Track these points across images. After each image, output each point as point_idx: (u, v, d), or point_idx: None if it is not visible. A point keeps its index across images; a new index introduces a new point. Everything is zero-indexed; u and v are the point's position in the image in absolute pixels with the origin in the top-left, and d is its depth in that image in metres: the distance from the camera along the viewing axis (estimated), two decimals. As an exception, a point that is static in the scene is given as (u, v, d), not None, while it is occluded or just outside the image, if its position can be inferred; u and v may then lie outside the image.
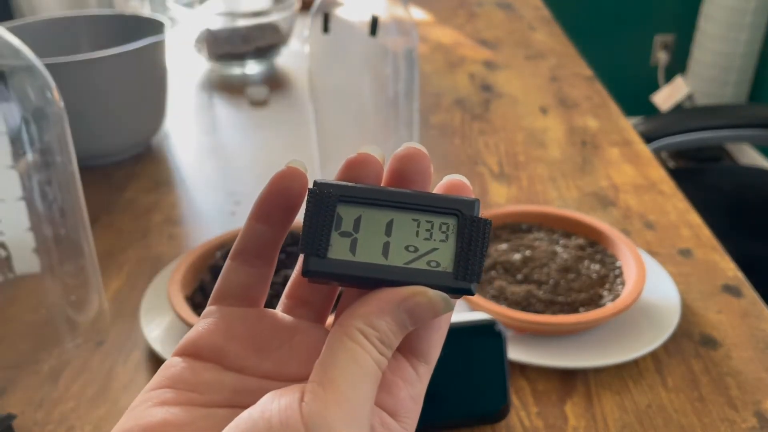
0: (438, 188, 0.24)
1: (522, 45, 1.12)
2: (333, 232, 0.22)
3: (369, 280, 0.22)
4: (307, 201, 0.23)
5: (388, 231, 0.22)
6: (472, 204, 0.23)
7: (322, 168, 0.71)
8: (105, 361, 0.52)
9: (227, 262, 0.25)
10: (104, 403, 0.48)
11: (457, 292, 0.22)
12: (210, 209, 0.73)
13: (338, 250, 0.22)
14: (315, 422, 0.19)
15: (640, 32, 2.36)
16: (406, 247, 0.22)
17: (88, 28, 0.87)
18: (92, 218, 0.58)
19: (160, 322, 0.53)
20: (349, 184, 0.23)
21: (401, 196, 0.23)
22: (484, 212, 0.61)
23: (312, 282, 0.23)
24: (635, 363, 0.50)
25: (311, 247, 0.22)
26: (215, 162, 0.82)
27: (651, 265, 0.58)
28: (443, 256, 0.22)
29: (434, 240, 0.22)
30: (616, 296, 0.53)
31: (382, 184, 0.24)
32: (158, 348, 0.51)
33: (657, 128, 1.24)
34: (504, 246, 0.58)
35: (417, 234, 0.23)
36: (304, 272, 0.22)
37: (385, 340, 0.21)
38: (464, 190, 0.24)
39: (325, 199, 0.23)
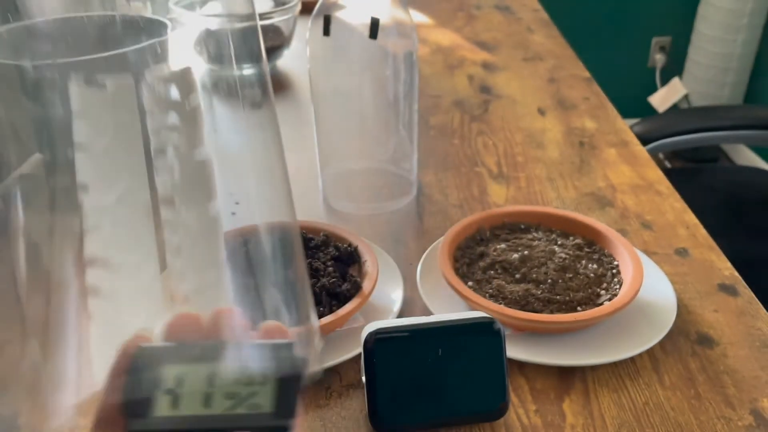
0: (259, 334, 0.26)
1: (520, 47, 1.12)
2: (157, 391, 0.24)
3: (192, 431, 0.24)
4: (132, 362, 0.24)
5: (210, 383, 0.24)
6: (289, 346, 0.25)
7: (322, 169, 0.71)
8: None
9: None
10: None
11: (277, 430, 0.24)
12: (211, 210, 0.73)
13: (162, 407, 0.23)
14: None
15: (637, 34, 2.37)
16: (227, 395, 0.24)
17: (91, 29, 0.87)
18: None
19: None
20: (172, 344, 0.25)
21: (222, 348, 0.25)
22: (483, 213, 0.62)
23: None
24: (632, 361, 0.51)
25: (134, 409, 0.23)
26: (215, 162, 0.83)
27: (648, 264, 0.59)
28: (263, 398, 0.24)
29: (255, 385, 0.24)
30: (614, 295, 0.53)
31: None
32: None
33: (654, 129, 1.24)
34: (502, 246, 0.59)
35: (237, 381, 0.24)
36: (128, 427, 0.23)
37: None
38: (282, 333, 0.25)
39: (148, 362, 0.24)
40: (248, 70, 0.33)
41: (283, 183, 0.29)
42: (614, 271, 0.56)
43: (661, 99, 2.35)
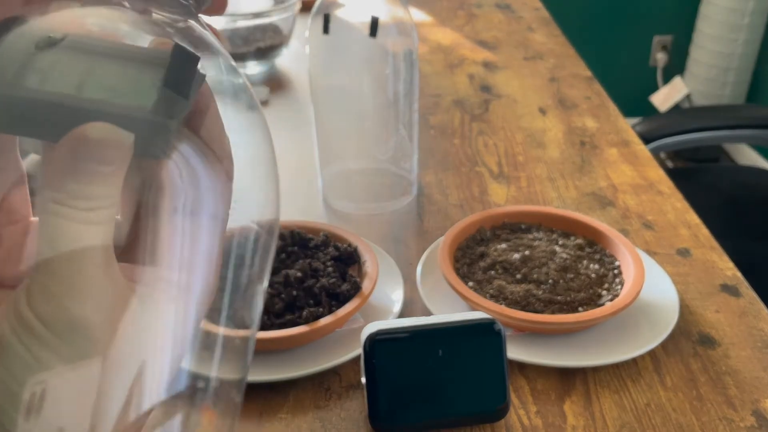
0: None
1: (521, 46, 1.12)
2: (26, 69, 0.20)
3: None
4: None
5: (87, 72, 0.20)
6: (184, 58, 0.21)
7: (322, 169, 0.71)
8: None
9: None
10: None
11: (156, 127, 0.20)
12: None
13: (29, 82, 0.19)
14: (48, 322, 0.18)
15: (638, 33, 2.37)
16: (103, 87, 0.20)
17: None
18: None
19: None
20: (57, 31, 0.21)
21: (106, 43, 0.21)
22: (483, 212, 0.62)
23: None
24: (634, 362, 0.50)
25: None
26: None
27: (649, 264, 0.58)
28: (145, 94, 0.20)
29: (139, 84, 0.20)
30: (615, 296, 0.53)
31: None
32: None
33: (655, 128, 1.24)
34: (503, 246, 0.58)
35: (120, 76, 0.20)
36: None
37: (84, 195, 0.19)
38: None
39: (20, 40, 0.20)
40: (250, 69, 0.33)
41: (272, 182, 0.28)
42: (615, 271, 0.56)
43: (663, 98, 2.34)
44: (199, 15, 0.26)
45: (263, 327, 0.50)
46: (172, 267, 0.21)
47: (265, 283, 0.25)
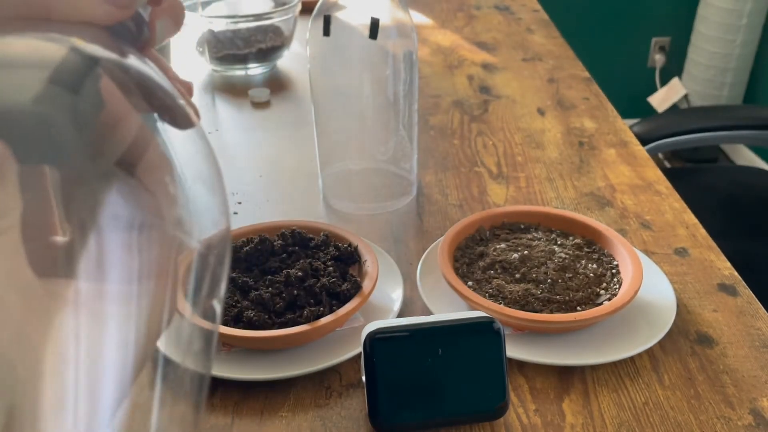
0: None
1: (520, 47, 1.12)
2: None
3: None
4: None
5: None
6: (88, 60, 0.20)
7: (322, 169, 0.71)
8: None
9: None
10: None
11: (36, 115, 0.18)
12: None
13: None
14: None
15: (636, 34, 2.37)
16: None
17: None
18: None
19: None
20: None
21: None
22: (483, 212, 0.62)
23: None
24: (632, 361, 0.51)
25: None
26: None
27: (647, 264, 0.59)
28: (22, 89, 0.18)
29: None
30: (613, 295, 0.53)
31: None
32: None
33: (653, 129, 1.24)
34: (502, 245, 0.59)
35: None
36: None
37: None
38: None
39: None
40: (251, 71, 0.33)
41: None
42: (614, 270, 0.56)
43: (661, 99, 2.35)
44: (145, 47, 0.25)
45: (264, 326, 0.50)
46: (109, 281, 0.20)
47: (221, 297, 0.24)
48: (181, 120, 0.23)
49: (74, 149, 0.18)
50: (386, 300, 0.55)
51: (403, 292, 0.56)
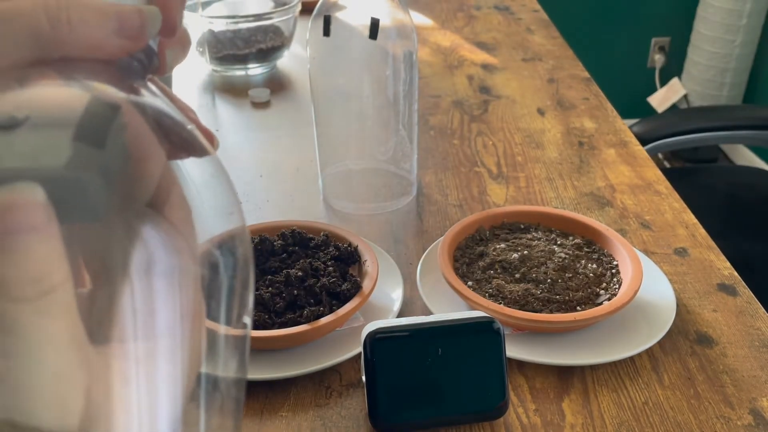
0: None
1: (520, 47, 1.12)
2: None
3: None
4: None
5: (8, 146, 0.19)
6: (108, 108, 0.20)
7: (322, 169, 0.72)
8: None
9: None
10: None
11: (69, 181, 0.18)
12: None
13: None
14: None
15: (636, 35, 2.37)
16: (17, 155, 0.18)
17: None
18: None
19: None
20: None
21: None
22: (482, 212, 0.62)
23: None
24: (632, 361, 0.51)
25: None
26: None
27: (647, 264, 0.59)
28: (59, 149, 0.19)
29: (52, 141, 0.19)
30: (613, 295, 0.53)
31: None
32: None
33: (653, 129, 1.24)
34: (502, 245, 0.59)
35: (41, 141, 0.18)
36: None
37: (26, 279, 0.16)
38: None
39: None
40: (251, 71, 0.33)
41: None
42: (613, 270, 0.56)
43: (661, 99, 2.35)
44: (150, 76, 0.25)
45: (265, 326, 0.50)
46: (149, 337, 0.20)
47: (250, 311, 0.24)
48: (198, 150, 0.24)
49: (105, 205, 0.19)
50: (386, 300, 0.55)
51: (403, 292, 0.56)
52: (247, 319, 0.24)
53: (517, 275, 0.55)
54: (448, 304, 0.55)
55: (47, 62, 0.21)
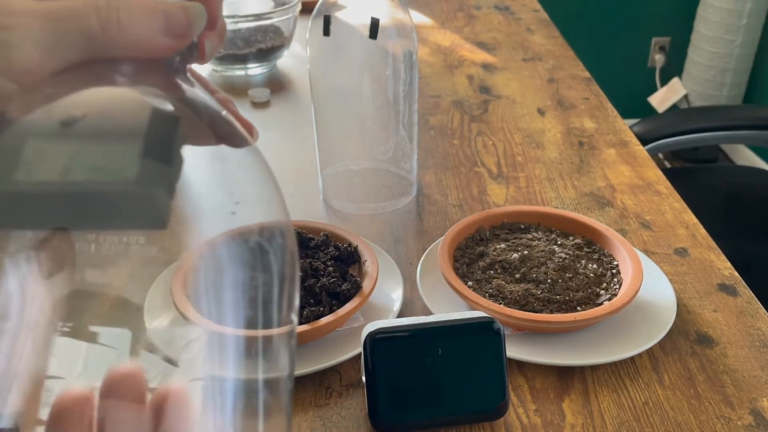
0: None
1: (520, 47, 1.12)
2: (9, 163, 0.20)
3: None
4: None
5: (72, 156, 0.20)
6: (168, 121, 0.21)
7: (322, 169, 0.71)
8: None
9: None
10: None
11: (141, 198, 0.20)
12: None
13: (13, 172, 0.20)
14: None
15: (636, 34, 2.37)
16: (89, 167, 0.20)
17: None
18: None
19: (165, 318, 0.54)
20: (34, 118, 0.21)
21: (86, 125, 0.21)
22: (482, 212, 0.62)
23: None
24: (632, 361, 0.51)
25: None
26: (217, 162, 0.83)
27: (647, 264, 0.59)
28: (129, 166, 0.20)
29: (124, 159, 0.20)
30: (613, 295, 0.53)
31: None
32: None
33: (653, 129, 1.24)
34: (502, 245, 0.59)
35: (104, 156, 0.20)
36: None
37: None
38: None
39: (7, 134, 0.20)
40: (251, 71, 0.33)
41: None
42: (614, 270, 0.56)
43: (661, 99, 2.35)
44: (188, 68, 0.26)
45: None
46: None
47: (296, 309, 0.25)
48: (239, 140, 0.25)
49: (169, 212, 0.21)
50: (386, 300, 0.55)
51: (403, 292, 0.56)
52: (294, 317, 0.25)
53: (518, 275, 0.55)
54: (448, 305, 0.55)
55: (98, 61, 0.22)
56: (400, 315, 0.54)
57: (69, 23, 0.21)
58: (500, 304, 0.52)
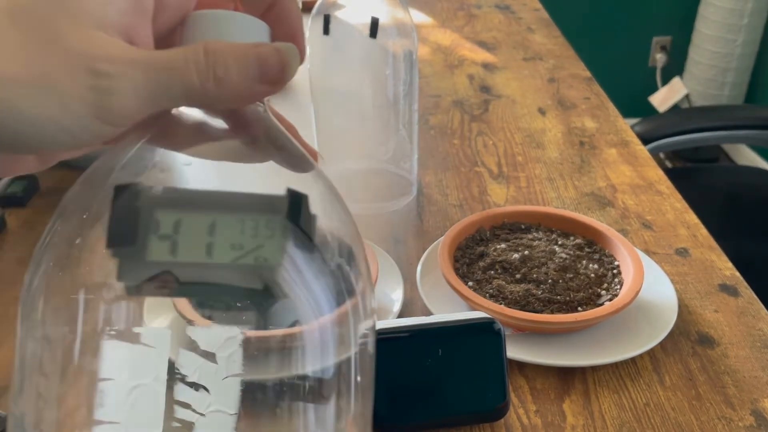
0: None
1: (520, 47, 1.12)
2: (151, 236, 0.21)
3: None
4: (118, 204, 0.21)
5: (212, 232, 0.21)
6: (298, 199, 0.23)
7: (322, 168, 0.71)
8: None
9: None
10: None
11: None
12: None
13: (157, 252, 0.21)
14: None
15: (637, 34, 2.37)
16: (231, 246, 0.21)
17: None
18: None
19: (167, 317, 0.54)
20: (168, 187, 0.23)
21: (223, 197, 0.23)
22: (483, 212, 0.62)
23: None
24: (633, 361, 0.50)
25: (124, 253, 0.21)
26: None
27: (648, 264, 0.59)
28: (270, 251, 0.22)
29: (260, 237, 0.22)
30: (614, 295, 0.53)
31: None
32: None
33: (655, 129, 1.24)
34: (503, 246, 0.58)
35: (242, 232, 0.22)
36: (120, 277, 0.21)
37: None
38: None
39: (142, 203, 0.21)
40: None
41: None
42: (615, 271, 0.56)
43: (662, 99, 2.35)
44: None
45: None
46: None
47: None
48: (306, 166, 0.27)
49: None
50: (386, 300, 0.55)
51: (403, 292, 0.56)
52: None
53: (518, 276, 0.55)
54: (448, 305, 0.54)
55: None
56: (400, 315, 0.54)
57: (169, 76, 0.21)
58: (501, 304, 0.52)
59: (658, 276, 0.57)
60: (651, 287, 0.55)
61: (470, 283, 0.55)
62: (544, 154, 0.80)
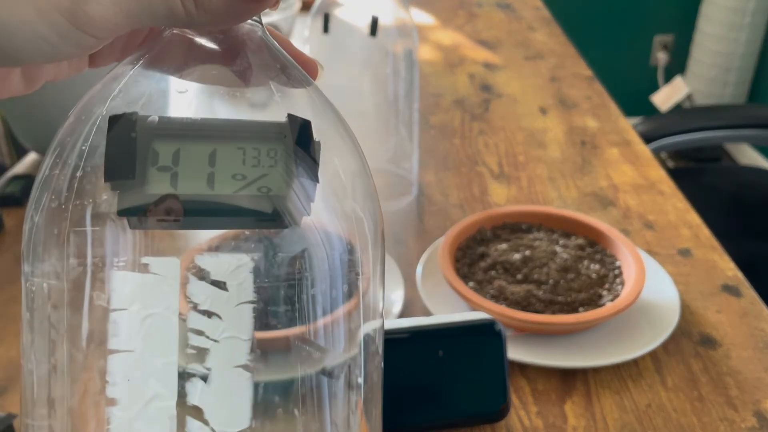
0: None
1: (522, 45, 1.12)
2: (150, 168, 0.20)
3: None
4: (113, 135, 0.21)
5: (212, 162, 0.21)
6: (301, 126, 0.22)
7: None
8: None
9: None
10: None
11: (288, 216, 0.21)
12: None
13: (157, 185, 0.20)
14: None
15: (639, 33, 2.36)
16: (233, 176, 0.21)
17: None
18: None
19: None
20: (164, 117, 0.22)
21: (223, 125, 0.22)
22: (484, 212, 0.62)
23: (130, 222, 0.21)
24: (635, 363, 0.50)
25: (123, 187, 0.20)
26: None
27: (650, 264, 0.58)
28: (274, 180, 0.21)
29: (263, 166, 0.21)
30: (616, 296, 0.53)
31: None
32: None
33: (656, 128, 1.24)
34: (504, 246, 0.58)
35: (244, 162, 0.21)
36: (119, 211, 0.20)
37: None
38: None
39: (138, 134, 0.21)
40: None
41: None
42: (616, 271, 0.56)
43: (664, 98, 2.34)
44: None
45: (263, 327, 0.49)
46: None
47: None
48: (305, 81, 0.26)
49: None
50: (386, 301, 0.55)
51: (404, 293, 0.56)
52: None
53: (519, 276, 0.55)
54: (449, 306, 0.54)
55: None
56: (400, 316, 0.54)
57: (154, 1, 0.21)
58: (502, 305, 0.52)
59: (660, 276, 0.57)
60: (653, 288, 0.55)
61: (471, 284, 0.55)
62: (546, 153, 0.80)
